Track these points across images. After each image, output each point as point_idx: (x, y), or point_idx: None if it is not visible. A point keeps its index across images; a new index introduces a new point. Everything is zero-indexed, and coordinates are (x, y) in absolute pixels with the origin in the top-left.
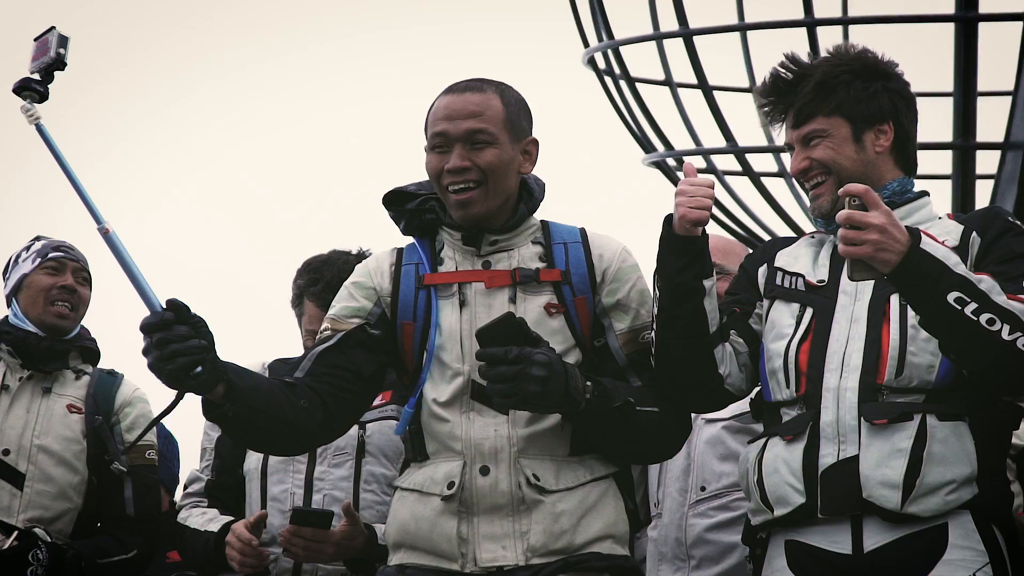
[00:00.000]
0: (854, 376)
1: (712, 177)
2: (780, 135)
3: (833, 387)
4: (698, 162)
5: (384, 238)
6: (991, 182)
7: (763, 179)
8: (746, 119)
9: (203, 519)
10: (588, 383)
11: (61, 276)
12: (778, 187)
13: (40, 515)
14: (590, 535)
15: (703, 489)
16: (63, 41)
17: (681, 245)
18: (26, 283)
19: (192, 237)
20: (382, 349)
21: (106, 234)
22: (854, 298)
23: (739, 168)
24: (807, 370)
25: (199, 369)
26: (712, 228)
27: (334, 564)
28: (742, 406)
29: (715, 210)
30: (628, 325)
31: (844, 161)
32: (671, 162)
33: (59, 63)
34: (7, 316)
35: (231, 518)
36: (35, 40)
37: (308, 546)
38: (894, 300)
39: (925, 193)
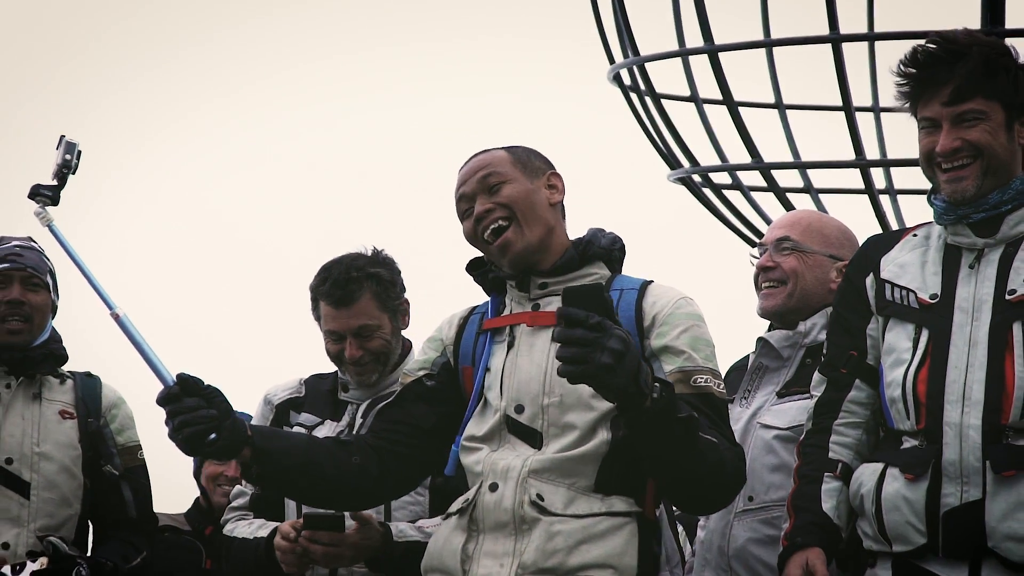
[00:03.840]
0: (976, 412)
1: None
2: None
3: (954, 423)
4: (723, 178)
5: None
6: None
7: (789, 195)
8: (772, 135)
9: (252, 528)
10: (657, 384)
11: (7, 290)
12: (804, 203)
13: (47, 523)
14: (587, 560)
15: (751, 499)
16: (70, 148)
17: None
18: None
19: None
20: (442, 399)
21: (117, 319)
22: (971, 316)
23: (764, 184)
24: (926, 401)
25: (213, 436)
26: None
27: (358, 567)
28: (800, 417)
29: (741, 226)
30: (678, 366)
31: (997, 147)
32: (697, 178)
33: (67, 167)
34: None
35: (279, 523)
36: (56, 149)
37: (327, 550)
38: (1017, 329)
39: None
